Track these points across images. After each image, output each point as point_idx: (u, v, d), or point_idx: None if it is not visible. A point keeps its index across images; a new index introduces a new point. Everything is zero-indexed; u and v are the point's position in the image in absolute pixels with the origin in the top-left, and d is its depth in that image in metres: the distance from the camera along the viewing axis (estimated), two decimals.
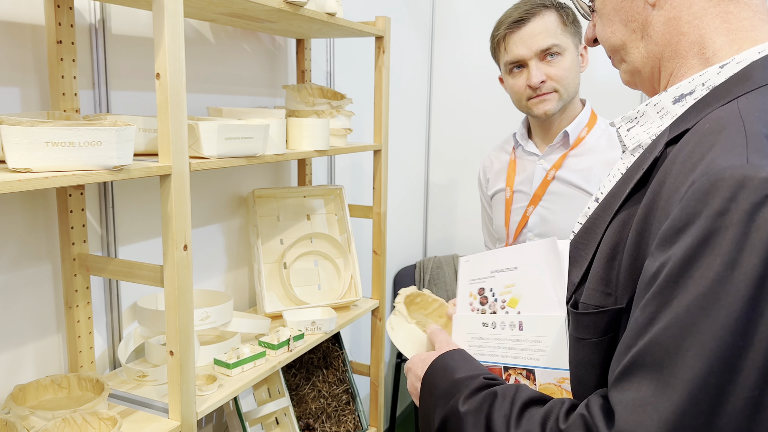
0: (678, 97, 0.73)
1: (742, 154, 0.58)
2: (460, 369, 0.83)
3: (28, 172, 0.93)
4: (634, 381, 0.60)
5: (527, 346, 0.85)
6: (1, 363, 1.25)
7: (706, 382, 0.56)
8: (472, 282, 0.94)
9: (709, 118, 0.66)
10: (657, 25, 0.74)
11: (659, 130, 0.75)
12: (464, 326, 0.94)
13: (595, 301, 0.71)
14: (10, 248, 1.24)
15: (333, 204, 1.96)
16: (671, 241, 0.60)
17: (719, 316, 0.56)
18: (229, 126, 1.27)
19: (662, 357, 0.58)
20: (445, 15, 2.95)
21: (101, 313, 1.45)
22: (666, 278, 0.59)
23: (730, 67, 0.69)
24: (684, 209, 0.59)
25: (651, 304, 0.60)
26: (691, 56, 0.73)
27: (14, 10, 1.21)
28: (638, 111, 0.78)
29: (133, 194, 1.49)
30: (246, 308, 1.92)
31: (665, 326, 0.58)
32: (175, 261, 1.15)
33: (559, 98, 1.42)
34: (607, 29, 0.80)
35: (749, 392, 0.55)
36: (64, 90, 1.24)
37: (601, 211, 0.76)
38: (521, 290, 0.85)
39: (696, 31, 0.72)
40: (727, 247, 0.56)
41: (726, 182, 0.57)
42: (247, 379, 1.41)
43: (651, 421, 0.57)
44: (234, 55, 1.77)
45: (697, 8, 0.72)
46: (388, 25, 1.86)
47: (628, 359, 0.61)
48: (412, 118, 2.92)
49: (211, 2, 1.29)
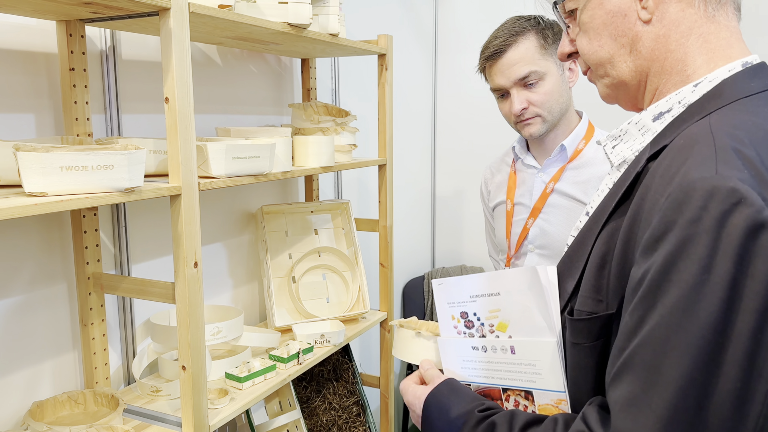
0: (657, 115, 0.78)
1: (711, 166, 0.63)
2: (453, 406, 0.86)
3: (43, 195, 0.97)
4: (626, 381, 0.64)
5: (522, 369, 0.86)
6: (20, 380, 1.29)
7: (693, 378, 0.60)
8: (451, 305, 0.94)
9: (684, 134, 0.71)
10: (646, 41, 0.78)
11: (641, 146, 0.80)
12: (453, 349, 0.95)
13: (588, 308, 0.75)
14: (27, 269, 1.29)
15: (340, 218, 1.99)
16: (652, 248, 0.64)
17: (699, 317, 0.60)
18: (237, 146, 1.31)
19: (650, 357, 0.62)
20: (448, 30, 2.99)
21: (115, 330, 1.49)
22: (649, 283, 0.64)
23: (703, 86, 0.74)
24: (661, 219, 0.64)
25: (638, 308, 0.65)
26: (675, 73, 0.77)
27: (28, 39, 1.26)
28: (622, 129, 0.83)
29: (145, 214, 1.53)
30: (256, 322, 1.95)
31: (651, 328, 0.63)
32: (186, 278, 1.19)
33: (542, 121, 1.45)
34: (594, 43, 0.82)
35: (732, 385, 0.59)
36: (77, 115, 1.29)
37: (591, 224, 0.80)
38: (509, 315, 0.86)
39: (681, 49, 0.77)
40: (701, 253, 0.60)
41: (697, 192, 0.61)
42: (258, 393, 1.44)
43: (645, 417, 0.61)
44: (241, 76, 1.82)
45: (684, 28, 0.76)
46: (390, 43, 1.90)
47: (621, 361, 0.66)
48: (417, 132, 2.96)
49: (217, 27, 1.34)
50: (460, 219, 3.11)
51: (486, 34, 1.54)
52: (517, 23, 1.44)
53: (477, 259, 3.02)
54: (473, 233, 3.06)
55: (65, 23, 1.26)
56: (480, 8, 2.89)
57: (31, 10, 1.15)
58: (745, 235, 0.59)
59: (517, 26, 1.44)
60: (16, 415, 1.28)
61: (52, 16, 1.22)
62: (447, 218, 3.14)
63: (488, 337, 0.89)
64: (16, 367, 1.28)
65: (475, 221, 3.04)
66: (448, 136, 3.07)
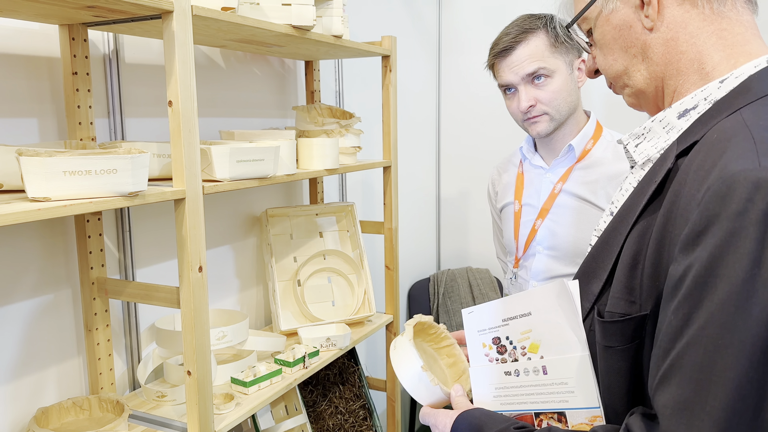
0: (682, 112, 0.77)
1: (753, 158, 0.61)
2: (487, 425, 0.83)
3: (47, 200, 0.96)
4: (675, 384, 0.61)
5: (555, 389, 0.84)
6: (25, 387, 1.28)
7: (749, 377, 0.57)
8: (481, 332, 0.93)
9: (716, 129, 0.69)
10: (656, 47, 0.78)
11: (666, 144, 0.79)
12: (485, 378, 0.93)
13: (621, 309, 0.73)
14: (31, 274, 1.28)
15: (345, 221, 1.98)
16: (694, 243, 0.62)
17: (752, 313, 0.58)
18: (241, 149, 1.30)
19: (702, 357, 0.60)
20: (451, 31, 2.98)
21: (120, 335, 1.48)
22: (695, 280, 0.61)
23: (730, 82, 0.73)
24: (703, 213, 0.62)
25: (683, 307, 0.62)
26: (691, 72, 0.77)
27: (31, 44, 1.26)
28: (645, 128, 0.82)
29: (150, 218, 1.52)
30: (262, 326, 1.94)
31: (701, 326, 0.60)
32: (190, 282, 1.18)
33: (550, 120, 1.44)
34: (608, 58, 0.84)
35: None
36: (81, 119, 1.28)
37: (617, 223, 0.78)
38: (540, 335, 0.85)
39: (694, 49, 0.76)
40: (750, 246, 0.58)
41: (742, 184, 0.60)
42: (264, 397, 1.43)
43: (700, 421, 0.59)
44: (245, 78, 1.81)
45: (692, 28, 0.76)
46: (394, 44, 1.89)
47: (668, 363, 0.63)
48: (422, 134, 2.95)
49: (220, 29, 1.33)
50: (466, 220, 3.09)
51: (489, 36, 1.54)
52: (527, 21, 1.44)
53: (483, 260, 3.01)
54: (479, 234, 3.04)
55: (68, 27, 1.25)
56: (483, 10, 2.88)
57: (33, 15, 1.15)
58: None
59: (527, 23, 1.43)
60: (21, 422, 1.27)
61: (55, 20, 1.21)
62: (452, 220, 3.13)
63: (520, 360, 0.88)
64: (21, 373, 1.27)
65: (481, 222, 3.03)
66: (453, 138, 3.06)
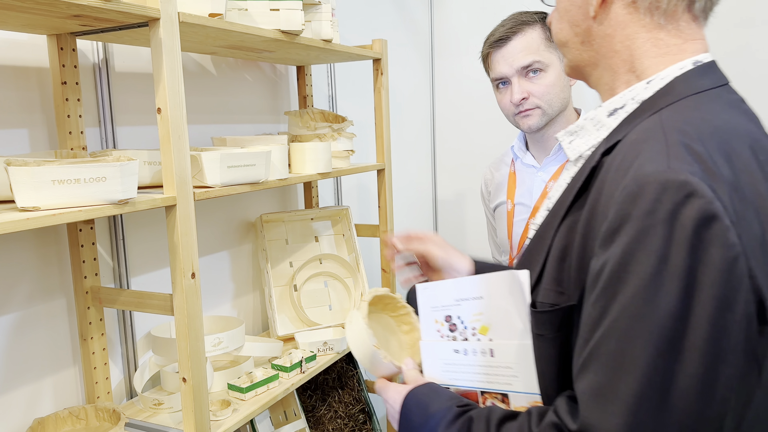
0: (612, 111, 0.80)
1: (663, 160, 0.65)
2: (432, 402, 0.87)
3: (36, 210, 0.96)
4: (592, 371, 0.66)
5: (500, 372, 0.88)
6: (20, 397, 1.28)
7: (656, 364, 0.62)
8: (434, 309, 0.95)
9: (636, 129, 0.73)
10: (596, 38, 0.81)
11: (596, 141, 0.82)
12: (435, 353, 0.96)
13: (550, 300, 0.77)
14: (24, 284, 1.28)
15: (340, 225, 1.98)
16: (610, 240, 0.66)
17: (659, 305, 0.62)
18: (231, 154, 1.30)
19: (614, 347, 0.64)
20: (444, 33, 2.99)
21: (116, 343, 1.48)
22: (609, 275, 0.66)
23: (656, 83, 0.76)
24: (618, 211, 0.66)
25: (600, 300, 0.67)
26: (622, 72, 0.80)
27: (19, 54, 1.26)
28: (578, 125, 0.85)
29: (143, 226, 1.52)
30: (259, 332, 1.94)
31: (614, 318, 0.65)
32: (183, 289, 1.18)
33: (542, 114, 1.44)
34: (557, 24, 0.86)
35: (695, 370, 0.61)
36: (71, 129, 1.28)
37: (550, 218, 0.82)
38: (490, 319, 0.88)
39: (627, 51, 0.78)
40: (657, 243, 0.62)
41: (651, 185, 0.64)
42: (261, 403, 1.43)
43: (612, 406, 0.63)
44: (236, 85, 1.82)
45: (629, 31, 0.78)
46: (384, 47, 1.89)
47: (587, 352, 0.68)
48: (417, 136, 2.95)
49: (209, 36, 1.34)
50: (462, 222, 3.09)
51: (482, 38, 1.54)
52: (524, 14, 1.45)
53: None
54: (476, 236, 3.04)
55: (56, 37, 1.26)
56: (475, 12, 2.89)
57: (20, 25, 1.15)
58: (697, 225, 0.61)
59: (524, 17, 1.44)
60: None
61: (43, 30, 1.21)
62: (449, 221, 3.13)
63: (470, 341, 0.91)
64: (17, 383, 1.27)
65: (478, 224, 3.02)
66: (448, 140, 3.06)
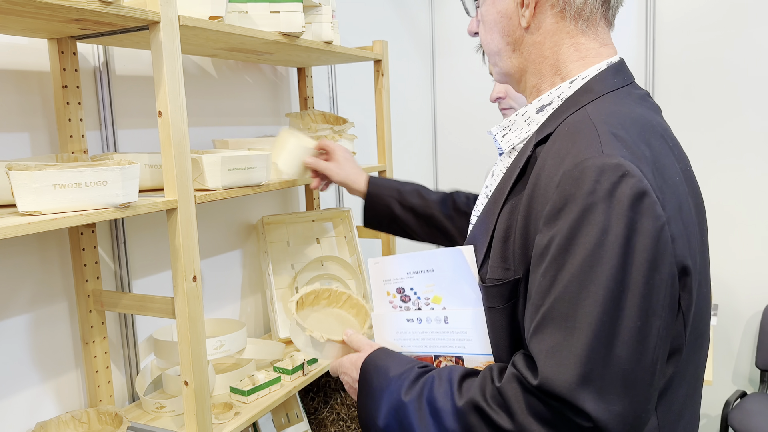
0: (540, 108, 0.90)
1: (597, 147, 0.75)
2: (392, 366, 0.93)
3: (37, 214, 0.96)
4: (547, 332, 0.74)
5: (455, 337, 0.94)
6: (23, 401, 1.28)
7: (602, 321, 0.71)
8: (386, 282, 1.01)
9: (567, 122, 0.83)
10: (527, 46, 0.91)
11: (527, 135, 0.91)
12: (387, 323, 1.02)
13: (498, 276, 0.85)
14: (26, 288, 1.28)
15: (342, 226, 1.98)
16: (555, 218, 0.75)
17: (603, 270, 0.72)
18: (232, 157, 1.30)
19: (566, 309, 0.73)
20: (444, 34, 2.99)
21: (118, 347, 1.47)
22: (557, 248, 0.74)
23: (578, 82, 0.87)
24: (561, 193, 0.75)
25: (550, 270, 0.75)
26: (549, 75, 0.90)
27: (20, 59, 1.26)
28: (510, 120, 0.94)
29: (144, 229, 1.52)
30: (261, 334, 1.94)
31: (564, 285, 0.73)
32: (185, 292, 1.18)
33: None
34: (487, 35, 0.95)
35: (633, 323, 0.72)
36: (72, 132, 1.28)
37: (491, 203, 0.90)
38: (442, 289, 0.95)
39: (554, 56, 0.89)
40: (599, 217, 0.72)
41: (590, 169, 0.73)
42: (264, 405, 1.43)
43: (567, 360, 0.72)
44: (237, 87, 1.82)
45: (557, 38, 0.88)
46: (385, 48, 1.89)
47: (540, 316, 0.75)
48: (418, 137, 2.95)
49: (209, 39, 1.33)
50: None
51: None
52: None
53: None
54: None
55: (56, 41, 1.25)
56: None
57: (21, 29, 1.15)
58: (632, 200, 0.71)
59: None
60: None
61: (43, 34, 1.21)
62: None
63: (423, 310, 0.97)
64: (19, 387, 1.27)
65: None
66: (450, 140, 3.06)
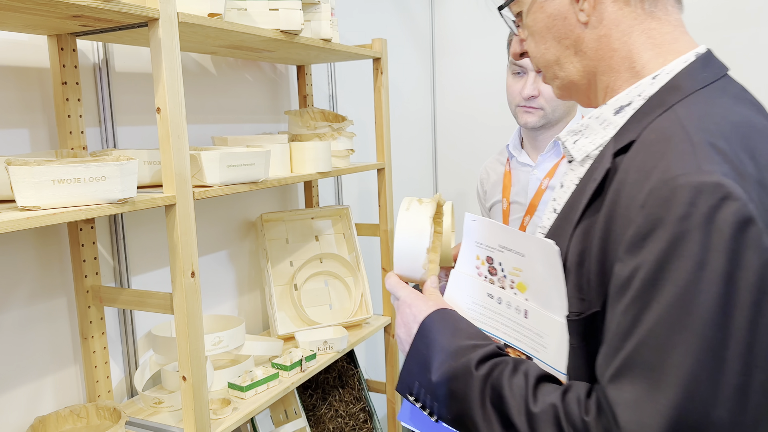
0: (618, 109, 0.78)
1: (692, 162, 0.63)
2: (467, 327, 0.84)
3: (36, 209, 0.97)
4: (627, 382, 0.63)
5: (531, 335, 0.83)
6: (21, 396, 1.28)
7: (697, 375, 0.60)
8: (479, 245, 0.89)
9: (653, 128, 0.70)
10: (589, 42, 0.79)
11: (603, 140, 0.79)
12: (467, 287, 0.91)
13: (574, 308, 0.74)
14: (25, 283, 1.29)
15: (340, 224, 1.99)
16: (639, 246, 0.63)
17: (699, 313, 0.60)
18: (231, 154, 1.31)
19: (652, 357, 0.62)
20: (445, 32, 2.99)
21: (116, 342, 1.48)
22: (643, 282, 0.63)
23: (661, 78, 0.75)
24: (648, 216, 0.63)
25: (632, 308, 0.64)
26: (623, 70, 0.78)
27: (20, 55, 1.26)
28: (582, 124, 0.82)
29: (143, 225, 1.53)
30: (260, 331, 1.94)
31: (650, 328, 0.62)
32: (183, 288, 1.18)
33: (542, 115, 1.45)
34: (540, 46, 0.84)
35: (735, 379, 0.59)
36: (71, 129, 1.29)
37: (561, 221, 0.79)
38: (528, 280, 0.83)
39: (625, 47, 0.77)
40: (694, 249, 0.60)
41: (684, 188, 0.61)
42: (261, 401, 1.44)
43: (651, 419, 0.60)
44: (236, 84, 1.82)
45: (624, 26, 0.77)
46: (384, 46, 1.90)
47: (620, 361, 0.64)
48: (418, 135, 2.95)
49: (208, 36, 1.34)
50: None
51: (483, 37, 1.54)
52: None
53: None
54: None
55: (56, 37, 1.26)
56: (476, 11, 2.89)
57: (21, 26, 1.15)
58: (735, 229, 0.59)
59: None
60: (18, 431, 1.27)
61: (43, 30, 1.22)
62: None
63: (506, 291, 0.86)
64: (18, 382, 1.28)
65: None
66: (450, 139, 3.07)
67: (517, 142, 1.58)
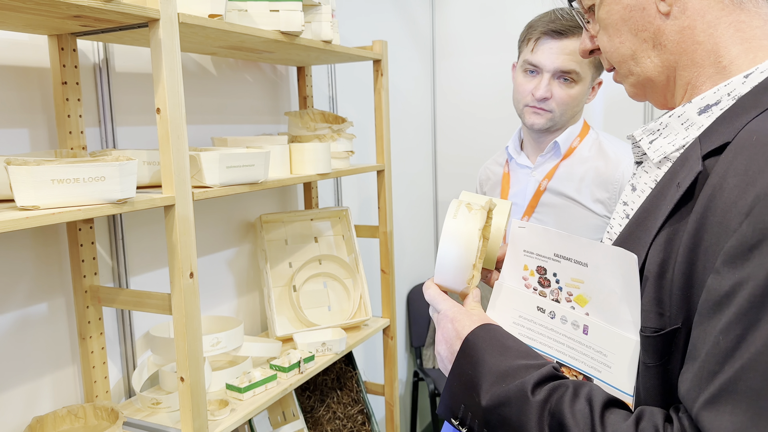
0: (704, 108, 0.72)
1: None
2: (517, 346, 0.77)
3: (35, 209, 0.97)
4: (727, 409, 0.57)
5: (590, 354, 0.75)
6: (19, 395, 1.28)
7: None
8: (528, 255, 0.82)
9: (752, 130, 0.64)
10: (671, 35, 0.73)
11: (685, 141, 0.73)
12: (512, 300, 0.83)
13: (651, 323, 0.67)
14: (24, 283, 1.28)
15: (340, 225, 1.99)
16: (744, 258, 0.58)
17: None
18: (230, 155, 1.31)
19: (758, 383, 0.56)
20: (445, 34, 2.99)
21: (115, 343, 1.48)
22: (750, 299, 0.57)
23: (755, 76, 0.69)
24: (755, 225, 0.57)
25: (736, 326, 0.58)
26: (707, 65, 0.72)
27: (20, 55, 1.26)
28: (661, 123, 0.76)
29: (142, 225, 1.53)
30: (258, 332, 1.94)
31: (758, 351, 0.56)
32: (182, 289, 1.18)
33: (551, 118, 1.44)
34: (615, 40, 0.78)
35: None
36: (71, 129, 1.29)
37: (635, 227, 0.73)
38: (591, 292, 0.75)
39: (711, 40, 0.71)
40: None
41: None
42: (259, 403, 1.43)
43: None
44: (237, 85, 1.82)
45: (710, 17, 0.71)
46: (384, 48, 1.90)
47: (718, 386, 0.58)
48: (418, 137, 2.95)
49: (208, 37, 1.34)
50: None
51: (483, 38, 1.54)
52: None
53: None
54: None
55: (57, 37, 1.26)
56: (476, 12, 2.89)
57: (22, 25, 1.16)
58: None
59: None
60: (15, 431, 1.27)
61: (44, 30, 1.22)
62: None
63: (562, 304, 0.78)
64: (15, 382, 1.28)
65: None
66: (450, 140, 3.07)
67: (516, 144, 1.58)
